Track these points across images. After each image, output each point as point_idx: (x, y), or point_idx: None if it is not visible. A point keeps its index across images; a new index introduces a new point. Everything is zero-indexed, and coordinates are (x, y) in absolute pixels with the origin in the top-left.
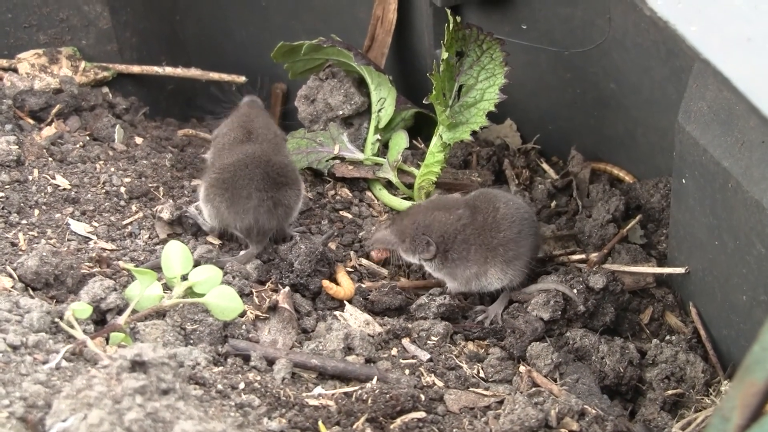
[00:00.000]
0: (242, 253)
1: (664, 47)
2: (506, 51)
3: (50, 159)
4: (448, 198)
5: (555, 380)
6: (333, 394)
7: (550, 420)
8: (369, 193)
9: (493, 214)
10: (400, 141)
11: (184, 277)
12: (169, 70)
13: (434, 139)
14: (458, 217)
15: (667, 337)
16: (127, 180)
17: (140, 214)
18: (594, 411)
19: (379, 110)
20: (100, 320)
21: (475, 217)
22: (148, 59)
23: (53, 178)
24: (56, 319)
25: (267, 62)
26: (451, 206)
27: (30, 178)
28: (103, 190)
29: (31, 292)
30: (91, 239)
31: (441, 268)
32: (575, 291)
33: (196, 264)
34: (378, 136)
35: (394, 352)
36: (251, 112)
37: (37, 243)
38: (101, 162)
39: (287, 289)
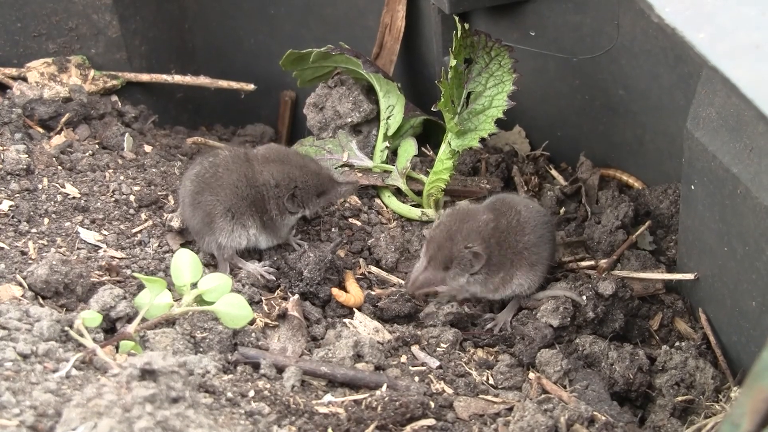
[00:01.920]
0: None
1: (672, 54)
2: (515, 58)
3: (60, 168)
4: (463, 209)
5: (564, 387)
6: (343, 402)
7: (559, 427)
8: (378, 201)
9: (516, 218)
10: (409, 148)
11: (194, 285)
12: (178, 79)
13: (443, 147)
14: (486, 221)
15: (677, 344)
16: (137, 188)
17: (150, 223)
18: (604, 417)
19: (388, 117)
20: (109, 329)
21: (499, 221)
22: (158, 67)
23: (63, 186)
24: (66, 328)
25: (276, 70)
26: (472, 214)
27: (39, 186)
28: (113, 199)
29: (41, 301)
30: (100, 248)
31: (488, 279)
32: (584, 297)
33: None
34: (387, 144)
35: (403, 359)
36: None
37: (46, 252)
38: (111, 170)
39: (297, 296)
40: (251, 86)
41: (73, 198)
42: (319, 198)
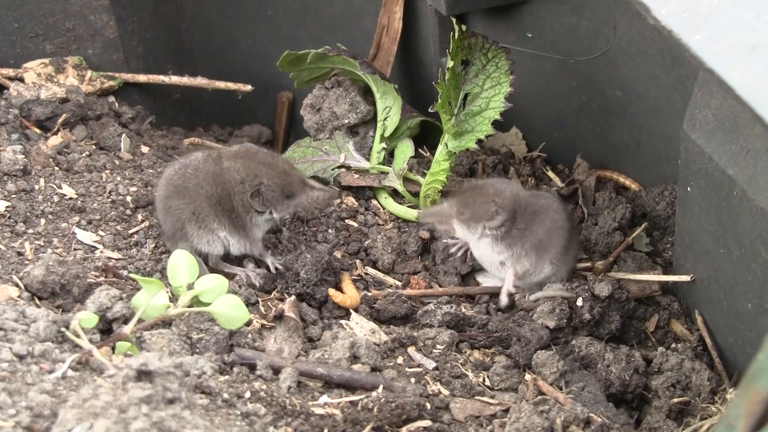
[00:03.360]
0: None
1: (669, 55)
2: (512, 59)
3: (56, 168)
4: (501, 180)
5: (561, 388)
6: (339, 403)
7: (555, 428)
8: (375, 202)
9: (550, 204)
10: (406, 149)
11: (190, 286)
12: (175, 79)
13: (440, 148)
14: (524, 194)
15: (673, 345)
16: (134, 189)
17: (146, 224)
18: (600, 419)
19: (385, 119)
20: (106, 329)
21: (531, 202)
22: (155, 68)
23: (59, 187)
24: (62, 329)
25: (273, 71)
26: (514, 183)
27: (36, 187)
28: (110, 200)
29: (37, 302)
30: (97, 248)
31: (502, 240)
32: (580, 298)
33: None
34: (384, 145)
35: (399, 360)
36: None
37: (43, 252)
38: (107, 171)
39: (293, 298)
40: (248, 87)
41: (70, 199)
42: (288, 200)
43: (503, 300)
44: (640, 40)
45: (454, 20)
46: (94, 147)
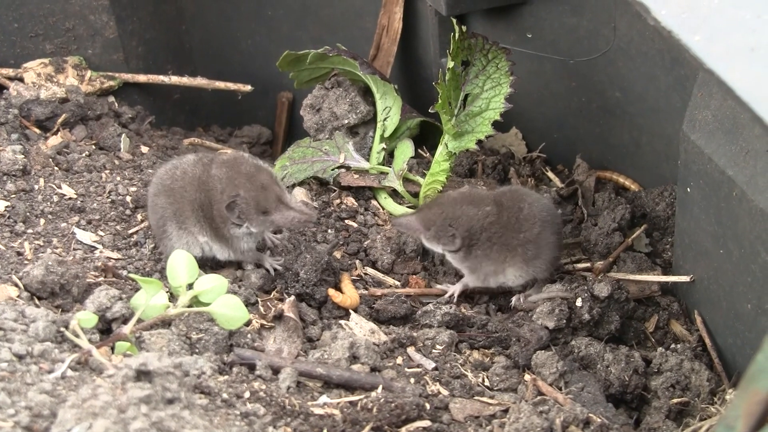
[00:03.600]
0: None
1: (668, 56)
2: (512, 60)
3: (56, 168)
4: (477, 192)
5: (560, 389)
6: (338, 403)
7: (555, 429)
8: (374, 202)
9: (516, 214)
10: (406, 150)
11: (190, 286)
12: (175, 80)
13: (440, 148)
14: (486, 214)
15: (672, 346)
16: (133, 189)
17: (146, 224)
18: (599, 419)
19: (385, 119)
20: (105, 329)
21: (500, 215)
22: (155, 68)
23: (59, 187)
24: (62, 329)
25: (273, 71)
26: (480, 201)
27: (36, 187)
28: (109, 200)
29: (36, 302)
30: (96, 248)
31: (463, 260)
32: (580, 299)
33: None
34: (383, 145)
35: (399, 360)
36: None
37: (42, 252)
38: (107, 171)
39: (293, 298)
40: (248, 87)
41: (70, 199)
42: (264, 216)
43: (446, 298)
44: (640, 40)
45: (454, 21)
46: (93, 147)
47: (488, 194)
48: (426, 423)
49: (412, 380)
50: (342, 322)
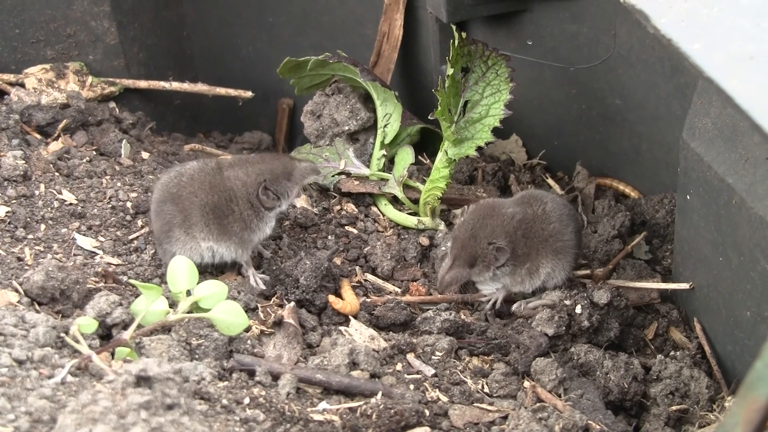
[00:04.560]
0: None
1: (668, 64)
2: (512, 67)
3: (57, 174)
4: (487, 204)
5: (559, 396)
6: (338, 410)
7: None
8: (374, 209)
9: (542, 207)
10: (406, 156)
11: (190, 292)
12: (176, 85)
13: (440, 155)
14: (512, 214)
15: (672, 353)
16: (134, 195)
17: (146, 230)
18: (598, 427)
19: (385, 126)
20: (105, 335)
21: (525, 212)
22: (155, 74)
23: (60, 192)
24: (62, 334)
25: (273, 78)
26: (500, 207)
27: (36, 192)
28: (110, 205)
29: (36, 307)
30: (97, 254)
31: (513, 269)
32: (579, 306)
33: None
34: (384, 152)
35: (398, 367)
36: None
37: (43, 258)
38: (108, 177)
39: (293, 304)
40: (249, 93)
41: (70, 204)
42: (290, 182)
43: (488, 306)
44: (640, 48)
45: (454, 27)
46: (94, 153)
47: (502, 200)
48: (425, 429)
49: (412, 387)
50: (342, 328)
